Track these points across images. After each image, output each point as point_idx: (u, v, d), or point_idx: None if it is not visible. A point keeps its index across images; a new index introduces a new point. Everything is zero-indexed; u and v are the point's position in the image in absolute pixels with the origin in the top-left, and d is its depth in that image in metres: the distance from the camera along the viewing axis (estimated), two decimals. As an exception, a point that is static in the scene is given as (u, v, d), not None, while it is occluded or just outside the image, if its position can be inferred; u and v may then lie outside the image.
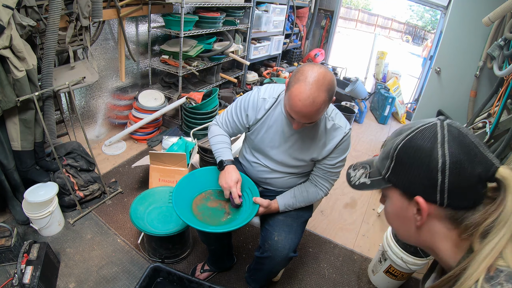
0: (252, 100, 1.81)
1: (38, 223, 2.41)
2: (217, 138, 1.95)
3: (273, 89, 1.82)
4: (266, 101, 1.78)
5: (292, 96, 1.45)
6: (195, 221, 1.69)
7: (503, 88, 3.11)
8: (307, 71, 1.44)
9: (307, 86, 1.41)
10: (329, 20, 7.29)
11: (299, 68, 1.49)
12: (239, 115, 1.87)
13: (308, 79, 1.42)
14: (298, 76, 1.46)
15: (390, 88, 6.08)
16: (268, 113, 1.79)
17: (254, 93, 1.82)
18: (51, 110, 2.57)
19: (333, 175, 1.88)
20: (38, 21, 2.30)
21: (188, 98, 3.74)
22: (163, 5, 3.60)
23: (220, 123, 2.00)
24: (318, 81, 1.42)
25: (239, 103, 1.88)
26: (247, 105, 1.83)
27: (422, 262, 2.17)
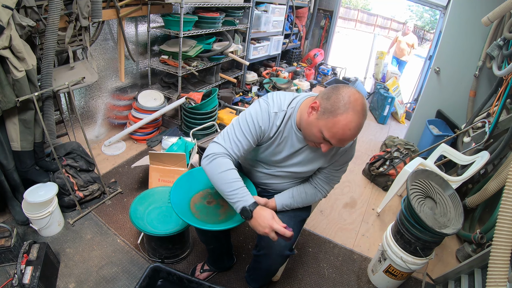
0: (266, 114, 1.62)
1: (38, 224, 2.41)
2: (228, 176, 1.57)
3: (281, 100, 1.67)
4: (277, 115, 1.63)
5: (340, 125, 1.40)
6: (193, 219, 1.69)
7: (502, 87, 3.12)
8: (351, 96, 1.39)
9: (356, 115, 1.38)
10: (329, 20, 7.30)
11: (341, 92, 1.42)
12: (254, 132, 1.63)
13: (356, 108, 1.38)
14: (343, 102, 1.39)
15: (389, 88, 6.08)
16: (279, 130, 1.67)
17: (264, 106, 1.63)
18: (50, 111, 2.57)
19: (335, 178, 1.88)
20: (38, 22, 2.30)
21: (187, 98, 3.74)
22: (162, 5, 3.60)
23: (228, 149, 1.63)
24: (363, 108, 1.40)
25: (249, 118, 1.62)
26: (261, 120, 1.61)
27: (422, 262, 2.17)
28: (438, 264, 2.84)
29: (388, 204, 3.31)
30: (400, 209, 2.25)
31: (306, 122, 1.54)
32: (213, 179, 1.59)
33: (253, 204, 1.54)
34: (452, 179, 2.86)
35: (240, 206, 1.54)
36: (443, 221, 2.08)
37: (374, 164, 3.93)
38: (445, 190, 2.29)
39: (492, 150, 2.91)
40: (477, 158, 2.92)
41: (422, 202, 2.15)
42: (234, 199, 1.55)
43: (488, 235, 2.59)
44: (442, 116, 4.23)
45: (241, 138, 1.62)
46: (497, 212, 1.79)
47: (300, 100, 1.66)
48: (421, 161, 3.09)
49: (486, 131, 3.10)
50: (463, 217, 2.10)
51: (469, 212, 3.15)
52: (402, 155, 3.87)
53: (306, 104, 1.61)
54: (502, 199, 1.74)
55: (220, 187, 1.58)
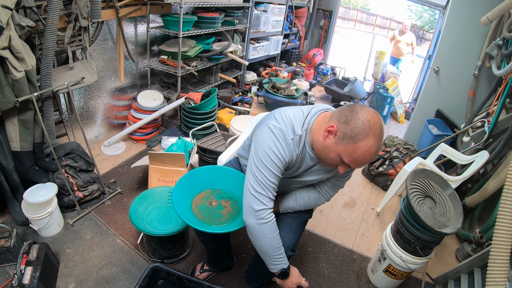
0: (286, 146, 1.54)
1: (37, 224, 2.41)
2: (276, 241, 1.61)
3: (292, 122, 1.58)
4: (295, 142, 1.57)
5: (361, 151, 1.39)
6: (196, 221, 1.69)
7: (502, 87, 3.12)
8: (370, 120, 1.37)
9: (376, 139, 1.38)
10: (328, 20, 7.31)
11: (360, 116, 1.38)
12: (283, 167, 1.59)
13: (376, 132, 1.37)
14: (363, 127, 1.36)
15: (389, 88, 6.08)
16: (299, 155, 1.62)
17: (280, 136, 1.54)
18: (50, 111, 2.57)
19: (340, 184, 1.89)
20: (37, 22, 2.31)
21: (187, 98, 3.74)
22: (161, 5, 3.60)
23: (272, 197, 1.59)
24: (382, 130, 1.40)
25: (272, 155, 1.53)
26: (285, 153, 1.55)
27: (421, 261, 2.17)
28: (438, 263, 2.84)
29: (388, 203, 3.31)
30: (400, 209, 2.25)
31: (322, 145, 1.50)
32: (261, 240, 1.59)
33: (289, 266, 1.67)
34: (451, 178, 2.86)
35: (280, 268, 1.64)
36: (442, 220, 2.08)
37: (374, 164, 3.93)
38: (444, 189, 2.29)
39: (492, 150, 2.92)
40: (477, 157, 2.92)
41: (421, 201, 2.16)
42: (277, 262, 1.63)
43: (488, 234, 2.59)
44: (441, 116, 4.23)
45: (274, 179, 1.56)
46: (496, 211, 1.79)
47: (312, 119, 1.60)
48: (420, 161, 3.09)
49: (485, 130, 3.10)
50: (462, 216, 2.10)
51: (468, 211, 3.15)
52: (401, 154, 3.87)
53: (318, 124, 1.56)
54: (502, 198, 1.74)
55: (265, 249, 1.61)
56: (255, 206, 1.55)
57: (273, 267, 1.64)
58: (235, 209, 1.85)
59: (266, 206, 1.56)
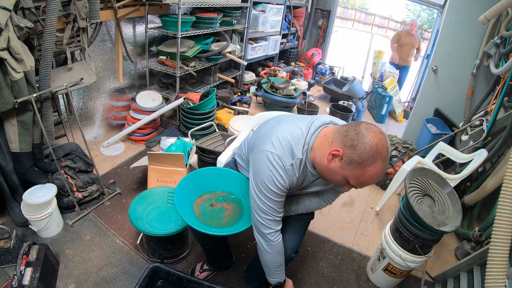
0: (284, 173, 1.51)
1: (37, 225, 2.41)
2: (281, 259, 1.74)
3: (290, 145, 1.52)
4: (294, 166, 1.53)
5: (369, 175, 1.36)
6: (197, 223, 1.69)
7: (500, 86, 3.13)
8: (378, 144, 1.32)
9: (383, 162, 1.35)
10: (326, 19, 7.31)
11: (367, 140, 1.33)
12: (283, 194, 1.59)
13: (383, 155, 1.34)
14: (371, 152, 1.32)
15: (387, 87, 6.09)
16: (299, 177, 1.59)
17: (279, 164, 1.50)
18: (49, 112, 2.57)
19: (342, 189, 1.86)
20: (36, 23, 2.31)
21: (185, 98, 3.74)
22: (160, 6, 3.61)
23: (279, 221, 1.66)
24: (389, 151, 1.37)
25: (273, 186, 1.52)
26: (285, 181, 1.53)
27: (421, 260, 2.17)
28: (437, 262, 2.84)
29: (387, 202, 3.32)
30: (399, 208, 2.25)
31: (327, 168, 1.46)
32: (266, 257, 1.72)
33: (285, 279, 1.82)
34: (450, 177, 2.87)
35: (276, 281, 1.80)
36: (441, 219, 2.08)
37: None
38: (443, 188, 2.30)
39: (490, 148, 2.92)
40: (475, 156, 2.93)
41: (420, 200, 2.16)
42: (275, 276, 1.78)
43: (487, 232, 2.60)
44: (440, 115, 4.23)
45: (277, 205, 1.58)
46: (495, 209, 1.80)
47: (312, 137, 1.53)
48: (419, 160, 3.10)
49: (484, 129, 3.11)
50: (461, 215, 2.10)
51: (467, 210, 3.16)
52: (400, 153, 3.88)
53: (320, 143, 1.50)
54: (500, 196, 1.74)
55: (268, 264, 1.75)
56: (264, 230, 1.63)
57: (271, 279, 1.80)
58: (237, 211, 1.84)
59: (274, 229, 1.64)
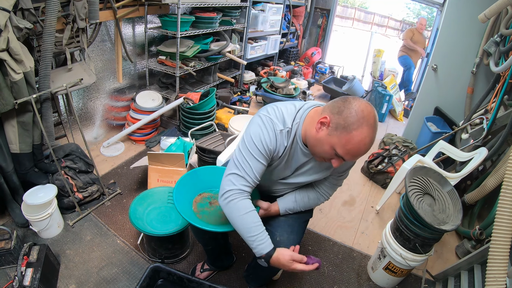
0: (272, 134, 1.51)
1: (37, 225, 2.41)
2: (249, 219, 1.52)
3: (283, 115, 1.55)
4: (283, 134, 1.54)
5: (355, 141, 1.34)
6: (195, 219, 1.69)
7: (500, 84, 3.13)
8: (364, 111, 1.33)
9: (371, 129, 1.33)
10: (326, 18, 7.31)
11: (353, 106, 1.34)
12: (266, 156, 1.54)
13: (370, 122, 1.33)
14: (357, 117, 1.32)
15: (387, 86, 6.09)
16: (287, 148, 1.59)
17: (269, 124, 1.52)
18: (49, 112, 2.58)
19: (338, 183, 1.88)
20: (35, 24, 2.31)
21: (185, 98, 3.74)
22: (159, 6, 3.60)
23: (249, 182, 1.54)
24: (376, 121, 1.35)
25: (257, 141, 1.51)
26: (270, 142, 1.51)
27: (421, 258, 2.17)
28: (438, 260, 2.84)
29: (387, 201, 3.32)
30: (399, 206, 2.25)
31: (315, 138, 1.45)
32: (232, 221, 1.54)
33: (271, 250, 1.51)
34: (450, 175, 2.87)
35: (258, 253, 1.51)
36: (442, 217, 2.08)
37: (373, 162, 3.94)
38: (443, 186, 2.30)
39: (490, 147, 2.92)
40: (476, 154, 2.92)
41: (420, 199, 2.16)
42: (253, 244, 1.51)
43: (487, 231, 2.60)
44: (440, 113, 4.23)
45: (257, 166, 1.53)
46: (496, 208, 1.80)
47: (304, 113, 1.57)
48: (419, 158, 3.10)
49: (484, 127, 3.11)
50: (462, 213, 2.10)
51: (468, 208, 3.16)
52: (400, 152, 3.88)
53: (311, 117, 1.53)
54: (501, 195, 1.74)
55: (239, 231, 1.53)
56: (226, 187, 1.53)
57: (253, 250, 1.53)
58: None
59: (236, 187, 1.51)
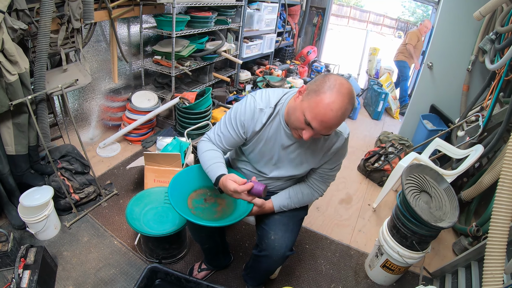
0: (249, 109, 1.65)
1: (34, 227, 2.40)
2: (206, 155, 1.74)
3: (269, 97, 1.67)
4: (263, 112, 1.64)
5: (322, 104, 1.34)
6: (189, 214, 1.69)
7: (495, 81, 3.14)
8: (338, 80, 1.36)
9: (340, 96, 1.33)
10: (321, 17, 7.31)
11: (328, 76, 1.39)
12: (236, 127, 1.69)
13: (342, 90, 1.34)
14: (329, 84, 1.35)
15: (383, 84, 6.10)
16: (266, 125, 1.67)
17: (250, 102, 1.66)
18: (44, 114, 2.56)
19: (330, 177, 1.88)
20: (30, 24, 2.29)
21: (181, 98, 3.73)
22: (154, 5, 3.59)
23: (211, 139, 1.80)
24: (349, 93, 1.35)
25: (233, 113, 1.69)
26: (243, 115, 1.66)
27: (418, 256, 2.18)
28: (435, 257, 2.85)
29: (384, 199, 3.32)
30: (396, 204, 2.26)
31: (292, 108, 1.51)
32: (199, 159, 1.77)
33: (218, 176, 1.63)
34: (446, 173, 2.87)
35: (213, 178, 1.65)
36: (438, 214, 2.09)
37: (369, 160, 3.94)
38: (440, 184, 2.30)
39: (486, 144, 2.93)
40: (471, 151, 2.93)
41: (417, 196, 2.17)
42: (209, 175, 1.69)
43: (484, 227, 2.61)
44: (436, 111, 4.25)
45: (224, 131, 1.73)
46: (492, 204, 1.80)
47: (290, 96, 1.64)
48: (415, 156, 3.11)
49: (480, 124, 3.12)
50: (458, 210, 2.11)
51: (464, 205, 3.17)
52: (396, 150, 3.89)
53: (294, 98, 1.56)
54: (497, 191, 1.75)
55: (203, 167, 1.74)
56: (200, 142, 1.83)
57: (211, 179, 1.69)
58: (230, 207, 1.85)
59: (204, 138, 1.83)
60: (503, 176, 1.73)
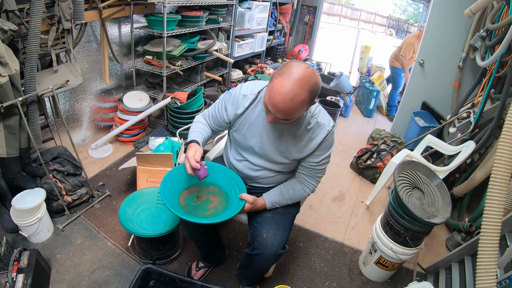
0: (233, 95, 1.81)
1: (27, 230, 2.38)
2: (194, 125, 1.97)
3: (255, 85, 1.80)
4: (246, 98, 1.77)
5: (273, 88, 1.42)
6: (181, 212, 1.69)
7: (486, 78, 3.16)
8: (293, 66, 1.41)
9: (290, 81, 1.38)
10: (312, 15, 7.33)
11: (287, 63, 1.45)
12: (220, 109, 1.88)
13: (292, 75, 1.39)
14: (283, 69, 1.43)
15: (375, 82, 6.12)
16: (249, 110, 1.78)
17: (236, 89, 1.82)
18: (35, 115, 2.54)
19: (318, 172, 1.88)
20: (20, 25, 2.28)
21: (173, 98, 3.72)
22: (145, 5, 3.58)
23: (204, 115, 2.02)
24: (303, 79, 1.39)
25: (221, 98, 1.90)
26: (228, 100, 1.83)
27: (412, 252, 2.19)
28: (429, 253, 2.87)
29: (377, 196, 3.34)
30: (389, 201, 2.27)
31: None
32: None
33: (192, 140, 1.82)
34: (439, 169, 2.89)
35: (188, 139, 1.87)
36: (431, 211, 2.10)
37: (362, 157, 3.96)
38: (432, 180, 2.31)
39: (478, 140, 2.95)
40: (463, 148, 2.95)
41: (410, 193, 2.18)
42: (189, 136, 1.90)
43: (477, 223, 2.63)
44: (427, 108, 4.27)
45: (213, 112, 1.94)
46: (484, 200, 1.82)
47: None
48: (407, 153, 3.12)
49: (471, 121, 3.14)
50: (451, 206, 2.12)
51: (457, 201, 3.19)
52: (389, 147, 3.90)
53: None
54: (489, 187, 1.76)
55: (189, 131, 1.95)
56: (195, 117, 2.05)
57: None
58: (222, 204, 1.84)
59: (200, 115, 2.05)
60: (495, 171, 1.75)
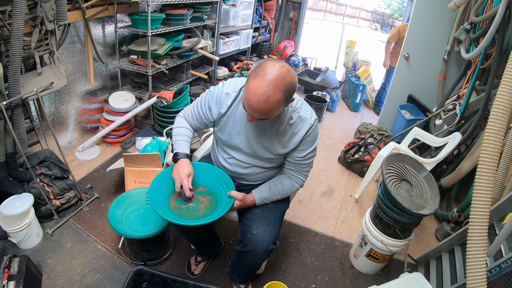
0: (216, 94, 1.80)
1: (16, 236, 2.35)
2: (177, 130, 1.94)
3: (236, 82, 1.80)
4: (229, 95, 1.77)
5: (248, 90, 1.44)
6: (171, 215, 1.69)
7: (471, 70, 3.19)
8: (268, 67, 1.41)
9: (264, 83, 1.39)
10: (297, 11, 7.33)
11: (261, 63, 1.46)
12: (203, 109, 1.87)
13: (266, 76, 1.39)
14: (258, 70, 1.43)
15: (361, 76, 6.15)
16: (232, 108, 1.78)
17: (219, 87, 1.81)
18: (20, 119, 2.51)
19: (305, 166, 1.89)
20: (2, 28, 2.25)
21: (159, 97, 3.70)
22: (129, 4, 3.55)
23: (186, 115, 1.99)
24: (277, 80, 1.39)
25: (204, 96, 1.87)
26: (211, 99, 1.82)
27: (402, 243, 2.21)
28: (419, 244, 2.90)
29: (365, 189, 3.36)
30: (377, 194, 2.29)
31: None
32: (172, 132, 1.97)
33: (183, 154, 1.84)
34: (426, 161, 2.92)
35: (175, 151, 1.86)
36: (419, 202, 2.12)
37: (349, 151, 3.98)
38: (420, 172, 2.34)
39: (464, 131, 2.99)
40: (450, 139, 2.98)
41: (398, 185, 2.19)
42: (175, 146, 1.89)
43: (465, 213, 2.66)
44: (413, 101, 4.30)
45: (195, 111, 1.93)
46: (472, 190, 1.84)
47: None
48: (395, 146, 3.14)
49: (457, 113, 3.18)
50: (439, 197, 2.15)
51: (445, 192, 3.22)
52: (376, 141, 3.93)
53: None
54: (476, 177, 1.78)
55: (172, 138, 1.95)
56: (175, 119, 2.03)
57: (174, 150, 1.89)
58: (212, 204, 1.84)
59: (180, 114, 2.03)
60: (482, 162, 1.77)
